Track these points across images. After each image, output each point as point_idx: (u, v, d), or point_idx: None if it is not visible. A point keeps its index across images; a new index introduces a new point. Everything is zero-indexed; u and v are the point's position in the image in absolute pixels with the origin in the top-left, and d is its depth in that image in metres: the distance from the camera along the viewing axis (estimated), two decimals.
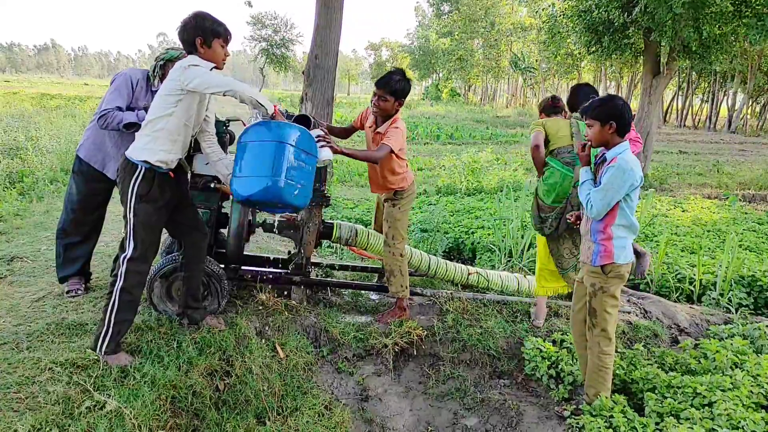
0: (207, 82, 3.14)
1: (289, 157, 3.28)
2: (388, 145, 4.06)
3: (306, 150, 3.42)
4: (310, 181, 3.50)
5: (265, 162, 3.26)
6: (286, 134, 3.29)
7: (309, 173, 3.47)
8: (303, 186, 3.41)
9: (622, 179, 3.31)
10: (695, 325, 5.11)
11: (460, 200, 10.28)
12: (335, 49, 8.97)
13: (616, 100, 3.43)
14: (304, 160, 3.40)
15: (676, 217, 9.46)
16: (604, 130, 3.41)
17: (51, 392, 3.00)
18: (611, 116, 3.37)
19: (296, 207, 3.50)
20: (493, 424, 3.89)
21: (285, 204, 3.39)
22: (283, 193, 3.29)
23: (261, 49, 49.94)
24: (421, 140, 24.60)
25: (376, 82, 4.20)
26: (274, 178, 3.24)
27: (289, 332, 4.21)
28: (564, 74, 51.99)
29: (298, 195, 3.39)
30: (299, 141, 3.34)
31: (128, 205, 3.30)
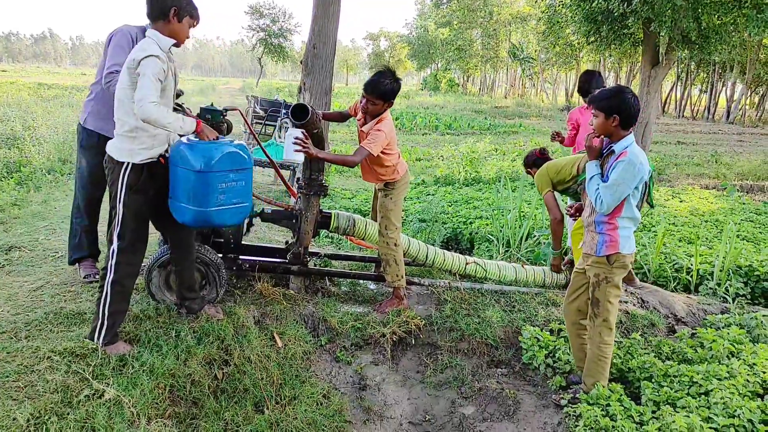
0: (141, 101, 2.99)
1: (214, 184, 3.25)
2: (367, 149, 4.04)
3: (235, 168, 3.34)
4: (247, 193, 3.48)
5: (188, 192, 3.25)
6: (207, 161, 3.20)
7: (242, 188, 3.43)
8: (237, 204, 3.40)
9: (632, 174, 3.32)
10: (692, 315, 5.13)
11: (458, 190, 10.28)
12: (333, 38, 8.97)
13: (624, 93, 3.41)
14: (234, 178, 3.35)
15: (674, 207, 9.48)
16: (608, 122, 3.40)
17: (50, 381, 3.00)
18: (616, 109, 3.37)
19: (233, 226, 3.58)
20: (490, 412, 3.91)
21: (220, 226, 3.45)
22: (213, 219, 3.33)
23: (259, 39, 49.77)
24: (419, 130, 24.59)
25: (365, 86, 4.13)
26: (200, 209, 3.25)
27: (288, 321, 4.22)
28: (563, 64, 51.85)
29: (233, 214, 3.42)
30: (222, 163, 3.26)
31: (118, 197, 3.24)
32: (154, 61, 3.05)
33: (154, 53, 3.07)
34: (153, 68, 3.04)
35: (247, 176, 3.45)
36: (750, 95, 45.64)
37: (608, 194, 3.37)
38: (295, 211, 4.46)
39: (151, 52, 3.07)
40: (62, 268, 4.58)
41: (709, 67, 41.63)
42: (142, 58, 3.05)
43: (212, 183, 3.24)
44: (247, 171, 3.44)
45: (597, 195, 3.42)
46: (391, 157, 4.30)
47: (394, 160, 4.35)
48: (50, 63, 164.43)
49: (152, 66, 3.04)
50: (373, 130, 4.12)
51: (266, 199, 4.43)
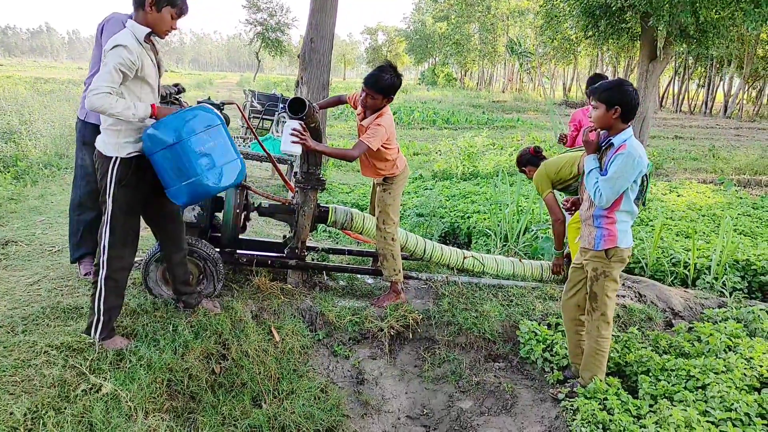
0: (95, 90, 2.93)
1: (192, 150, 3.11)
2: (366, 143, 4.01)
3: (205, 127, 3.18)
4: (230, 149, 3.29)
5: (174, 170, 3.12)
6: (176, 132, 3.08)
7: (223, 145, 3.25)
8: (226, 163, 3.24)
9: (631, 167, 3.31)
10: (689, 309, 5.14)
11: (456, 185, 10.28)
12: (330, 32, 8.96)
13: (625, 85, 3.40)
14: (209, 138, 3.18)
15: (672, 201, 9.49)
16: (608, 114, 3.38)
17: (47, 375, 3.00)
18: (617, 101, 3.35)
19: (232, 186, 3.43)
20: (488, 406, 3.92)
21: (219, 190, 3.29)
22: (209, 184, 3.17)
23: (256, 33, 49.61)
24: (417, 125, 24.56)
25: (366, 79, 4.07)
26: (191, 179, 3.13)
27: (285, 316, 4.21)
28: (561, 59, 51.77)
29: (227, 174, 3.24)
30: (190, 128, 3.12)
31: (107, 191, 3.19)
32: (117, 52, 2.97)
33: (121, 43, 2.99)
34: (114, 59, 2.96)
35: (221, 132, 3.26)
36: (747, 90, 45.63)
37: (607, 187, 3.36)
38: (293, 205, 4.45)
39: (119, 42, 2.99)
40: (59, 262, 4.57)
41: (706, 61, 41.59)
42: (109, 48, 2.99)
43: (191, 149, 3.10)
44: (219, 127, 3.26)
45: (596, 188, 3.41)
46: (390, 152, 4.28)
47: (394, 155, 4.34)
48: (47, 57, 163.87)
49: (114, 57, 2.97)
50: (373, 124, 4.10)
51: (264, 194, 4.42)
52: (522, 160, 5.10)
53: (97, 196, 4.11)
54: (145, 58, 3.12)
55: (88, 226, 4.20)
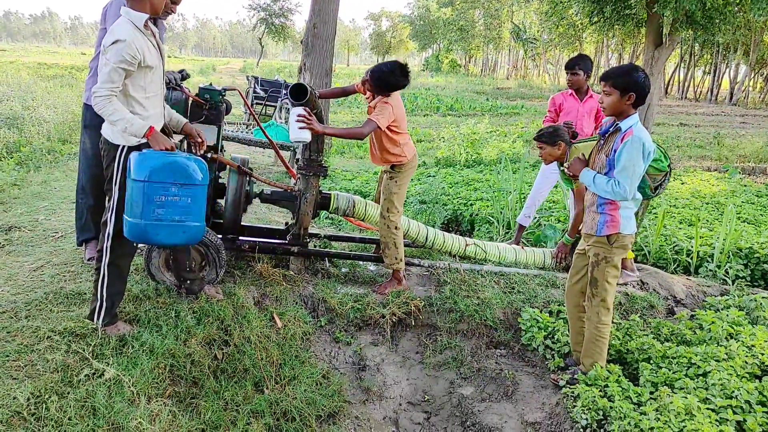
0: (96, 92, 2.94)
1: (150, 195, 3.03)
2: (374, 120, 4.02)
3: (178, 182, 3.08)
4: (192, 212, 3.18)
5: (128, 201, 3.09)
6: (148, 171, 3.01)
7: (186, 206, 3.14)
8: (177, 222, 3.14)
9: (640, 151, 3.29)
10: (691, 297, 5.14)
11: (459, 172, 10.26)
12: (334, 18, 8.91)
13: (639, 71, 3.37)
14: (176, 193, 3.09)
15: (675, 189, 9.46)
16: (622, 100, 3.36)
17: (50, 360, 3.02)
18: (632, 88, 3.33)
19: (170, 246, 3.37)
20: (489, 393, 3.93)
21: (156, 244, 3.26)
22: (148, 234, 3.11)
23: (260, 19, 49.41)
24: (420, 112, 24.49)
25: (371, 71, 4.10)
26: (134, 220, 3.07)
27: (287, 302, 4.23)
28: (566, 45, 51.46)
29: (170, 233, 3.15)
30: (163, 174, 3.03)
31: (114, 179, 3.19)
32: (117, 48, 2.93)
33: (120, 37, 2.94)
34: (116, 56, 2.93)
35: (194, 193, 3.16)
36: (754, 77, 45.36)
37: (626, 177, 3.32)
38: (295, 192, 4.45)
39: (118, 37, 2.94)
40: (62, 248, 4.58)
41: (712, 48, 41.33)
42: (109, 44, 2.95)
43: (148, 194, 3.03)
44: (195, 188, 3.15)
45: (612, 186, 3.35)
46: (398, 137, 4.27)
47: (403, 140, 4.31)
48: (50, 42, 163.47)
49: (114, 55, 2.93)
50: (380, 103, 4.11)
51: (266, 180, 4.42)
52: (563, 135, 4.34)
53: (96, 182, 4.12)
54: (147, 46, 3.08)
55: (92, 210, 4.21)
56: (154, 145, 3.09)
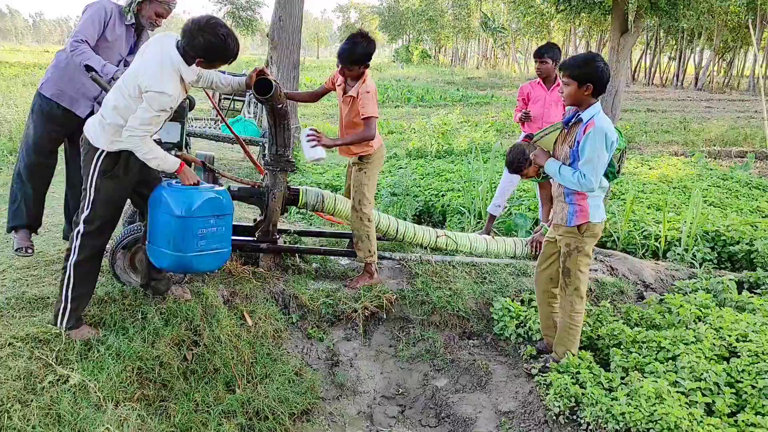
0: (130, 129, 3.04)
1: (194, 229, 3.29)
2: (370, 115, 4.04)
3: (215, 214, 3.38)
4: (227, 238, 3.51)
5: (168, 237, 3.29)
6: (188, 207, 3.25)
7: (222, 234, 3.46)
8: (217, 249, 3.43)
9: (603, 141, 3.30)
10: (660, 281, 5.20)
11: (430, 163, 10.25)
12: (300, 10, 8.78)
13: (596, 61, 3.36)
14: (214, 224, 3.38)
15: (643, 174, 9.58)
16: (580, 90, 3.36)
17: (12, 368, 2.93)
18: (589, 78, 3.32)
19: (211, 271, 3.75)
20: (463, 383, 3.94)
21: (199, 272, 3.64)
22: (193, 264, 3.41)
23: (227, 12, 48.80)
24: (391, 103, 24.42)
25: (339, 54, 4.06)
26: (179, 254, 3.30)
27: (258, 300, 4.17)
28: (534, 34, 51.76)
29: (213, 260, 3.47)
30: (203, 209, 3.30)
31: (90, 179, 3.18)
32: (162, 101, 3.02)
33: (167, 92, 3.02)
34: (159, 106, 3.03)
35: (227, 222, 3.47)
36: (718, 62, 46.10)
37: (590, 169, 3.32)
38: (263, 188, 4.39)
39: (165, 90, 3.01)
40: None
41: (677, 34, 41.92)
42: (154, 91, 2.99)
43: (192, 228, 3.27)
44: (227, 217, 3.47)
45: (578, 177, 3.35)
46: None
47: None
48: (11, 41, 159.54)
49: (159, 104, 3.02)
50: (362, 93, 4.06)
51: (232, 177, 4.36)
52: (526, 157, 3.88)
53: (34, 171, 4.03)
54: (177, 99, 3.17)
55: (27, 199, 4.09)
56: (184, 181, 3.32)
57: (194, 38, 3.01)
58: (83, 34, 3.78)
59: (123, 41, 4.02)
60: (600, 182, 3.43)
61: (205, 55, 3.07)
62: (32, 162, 4.05)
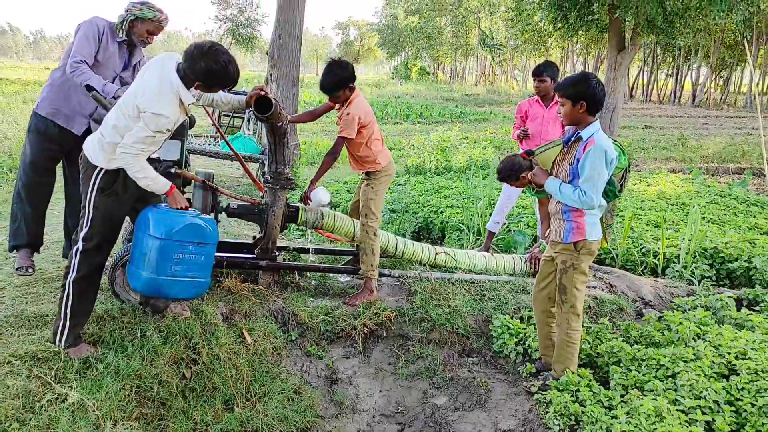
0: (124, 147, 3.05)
1: (169, 253, 3.23)
2: (342, 136, 4.17)
3: (196, 241, 3.31)
4: (206, 268, 3.43)
5: (144, 257, 3.26)
6: (168, 229, 3.22)
7: (201, 263, 3.38)
8: (192, 278, 3.36)
9: (602, 160, 3.33)
10: (659, 298, 5.20)
11: (429, 180, 10.28)
12: (299, 29, 8.89)
13: (589, 79, 3.41)
14: (193, 251, 3.31)
15: (642, 191, 9.60)
16: (575, 109, 3.41)
17: (10, 386, 2.92)
18: (582, 96, 3.37)
19: (185, 299, 3.62)
20: (462, 401, 3.92)
21: (170, 298, 3.47)
22: (164, 289, 3.31)
23: (227, 30, 49.16)
24: (390, 120, 24.55)
25: (321, 87, 4.19)
26: (152, 276, 3.24)
27: (257, 317, 4.17)
28: (532, 51, 52.14)
29: (186, 288, 3.38)
30: (183, 234, 3.26)
31: (88, 197, 3.19)
32: (159, 122, 3.04)
33: (164, 114, 3.04)
34: (155, 127, 3.04)
35: (208, 252, 3.40)
36: (715, 78, 46.42)
37: (590, 187, 3.34)
38: (262, 205, 4.40)
39: (162, 112, 3.03)
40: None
41: (674, 51, 42.24)
42: (152, 112, 3.01)
43: (168, 251, 3.22)
44: (209, 246, 3.40)
45: (578, 195, 3.37)
46: (373, 145, 4.33)
47: (376, 147, 4.36)
48: (12, 57, 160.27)
49: (155, 125, 3.04)
50: (343, 115, 4.18)
51: (231, 194, 4.37)
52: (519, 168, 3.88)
53: (32, 190, 4.06)
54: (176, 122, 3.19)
55: (27, 217, 4.12)
56: (172, 204, 3.30)
57: (196, 63, 3.03)
58: (81, 54, 3.83)
59: (116, 58, 4.07)
60: (600, 201, 3.45)
61: (205, 80, 3.09)
62: (30, 181, 4.08)
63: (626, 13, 12.60)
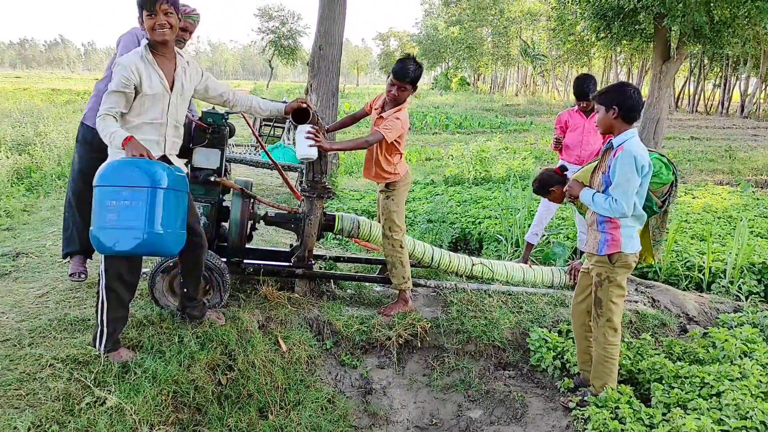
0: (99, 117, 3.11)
1: (103, 200, 2.91)
2: (382, 133, 4.01)
3: (129, 185, 2.89)
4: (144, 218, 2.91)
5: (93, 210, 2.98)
6: (101, 174, 2.95)
7: (137, 210, 2.89)
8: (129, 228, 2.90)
9: (632, 166, 3.25)
10: (704, 314, 5.05)
11: (467, 190, 10.22)
12: (339, 39, 8.95)
13: (624, 86, 3.40)
14: (128, 197, 2.89)
15: (687, 204, 9.35)
16: (608, 115, 3.37)
17: (51, 389, 2.99)
18: (615, 101, 3.33)
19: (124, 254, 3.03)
20: (497, 415, 3.86)
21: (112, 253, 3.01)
22: (100, 240, 2.94)
23: (269, 41, 49.93)
24: (429, 130, 24.52)
25: (395, 72, 4.09)
26: (91, 228, 2.96)
27: (292, 325, 4.19)
28: (575, 61, 51.54)
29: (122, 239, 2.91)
30: (113, 177, 2.91)
31: None
32: (115, 73, 3.11)
33: (120, 61, 3.13)
34: (114, 81, 3.10)
35: (145, 197, 2.90)
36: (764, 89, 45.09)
37: (620, 193, 3.27)
38: (299, 214, 4.43)
39: (118, 60, 3.14)
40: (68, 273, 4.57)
41: (722, 61, 41.22)
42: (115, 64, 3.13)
43: (102, 199, 2.92)
44: (144, 191, 2.89)
45: (610, 203, 3.30)
46: (396, 155, 4.26)
47: (398, 159, 4.30)
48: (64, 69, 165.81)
49: (114, 78, 3.10)
50: (392, 117, 4.08)
51: (269, 202, 4.41)
52: (549, 181, 4.15)
53: (81, 198, 4.16)
54: (147, 74, 3.15)
55: (78, 225, 4.22)
56: (128, 152, 2.98)
57: None
58: None
59: None
60: (635, 210, 3.37)
61: None
62: (79, 189, 4.19)
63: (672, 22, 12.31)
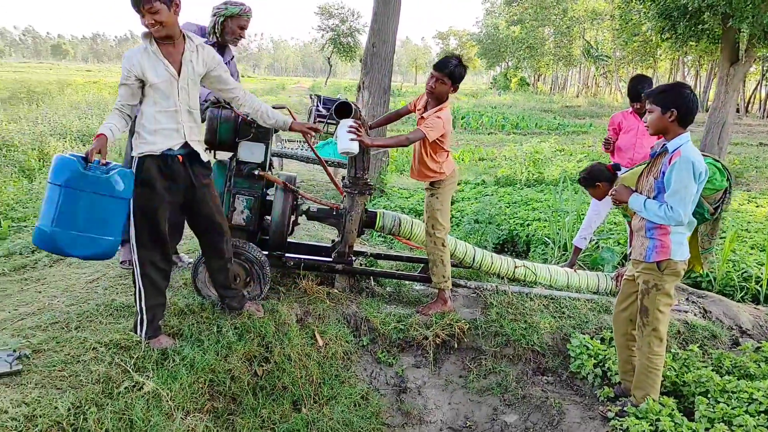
0: None
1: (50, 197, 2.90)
2: (423, 131, 3.99)
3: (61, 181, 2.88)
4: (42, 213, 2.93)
5: None
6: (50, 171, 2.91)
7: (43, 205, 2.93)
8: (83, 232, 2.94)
9: (690, 172, 3.14)
10: (759, 327, 4.83)
11: (518, 191, 10.07)
12: (393, 37, 8.96)
13: (681, 87, 3.26)
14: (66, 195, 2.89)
15: (749, 212, 8.96)
16: (664, 117, 3.23)
17: (93, 371, 3.09)
18: (673, 103, 3.20)
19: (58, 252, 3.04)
20: (533, 421, 3.79)
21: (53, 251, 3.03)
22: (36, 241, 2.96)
23: (329, 39, 50.38)
24: (485, 130, 24.29)
25: (435, 65, 4.13)
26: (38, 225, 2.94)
27: (330, 320, 4.22)
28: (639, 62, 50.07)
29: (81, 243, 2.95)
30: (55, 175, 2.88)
31: None
32: (123, 65, 3.16)
33: (125, 55, 3.18)
34: (123, 74, 3.15)
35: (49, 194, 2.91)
36: None
37: (677, 200, 3.16)
38: (341, 209, 4.45)
39: (126, 54, 3.18)
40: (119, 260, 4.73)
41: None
42: None
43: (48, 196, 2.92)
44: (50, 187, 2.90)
45: (665, 211, 3.19)
46: (441, 153, 4.23)
47: (442, 157, 4.27)
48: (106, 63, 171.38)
49: (123, 72, 3.15)
50: (433, 116, 4.08)
51: (311, 197, 4.45)
52: (598, 175, 4.17)
53: None
54: (150, 65, 3.15)
55: None
56: None
57: None
58: None
59: None
60: (690, 218, 3.25)
61: None
62: None
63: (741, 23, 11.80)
